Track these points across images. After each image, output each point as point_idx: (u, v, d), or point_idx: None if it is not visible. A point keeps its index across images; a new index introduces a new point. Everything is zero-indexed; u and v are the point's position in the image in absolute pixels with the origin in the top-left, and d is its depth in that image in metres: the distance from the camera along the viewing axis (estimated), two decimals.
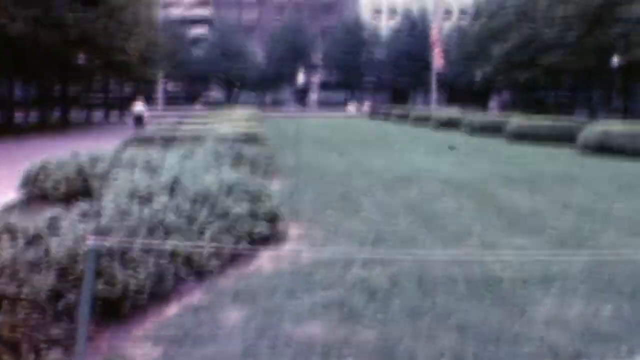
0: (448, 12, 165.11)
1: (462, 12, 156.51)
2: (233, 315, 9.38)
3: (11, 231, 9.46)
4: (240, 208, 13.17)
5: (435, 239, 14.43)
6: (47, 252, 8.98)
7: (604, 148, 37.18)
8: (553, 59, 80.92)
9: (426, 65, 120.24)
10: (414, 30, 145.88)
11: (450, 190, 22.07)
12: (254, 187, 14.63)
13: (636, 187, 23.63)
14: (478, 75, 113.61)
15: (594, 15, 71.95)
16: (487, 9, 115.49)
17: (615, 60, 72.02)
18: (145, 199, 12.40)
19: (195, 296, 10.20)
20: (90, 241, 8.04)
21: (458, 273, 11.44)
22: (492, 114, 76.24)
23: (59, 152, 21.28)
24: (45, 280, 8.41)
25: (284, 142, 45.53)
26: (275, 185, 20.46)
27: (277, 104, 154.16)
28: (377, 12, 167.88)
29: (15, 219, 9.81)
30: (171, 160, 17.43)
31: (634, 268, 11.88)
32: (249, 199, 13.94)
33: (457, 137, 54.20)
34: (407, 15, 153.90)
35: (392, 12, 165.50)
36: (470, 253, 13.04)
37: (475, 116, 64.84)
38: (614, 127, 39.67)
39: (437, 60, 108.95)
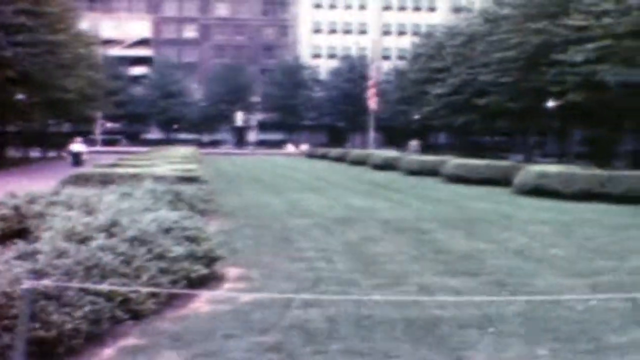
0: (386, 55, 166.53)
1: (401, 54, 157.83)
2: (169, 358, 9.32)
3: None
4: (178, 249, 13.12)
5: (373, 280, 14.48)
6: None
7: (540, 190, 37.57)
8: (489, 102, 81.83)
9: (364, 106, 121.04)
10: (353, 72, 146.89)
11: (389, 232, 22.18)
12: (193, 228, 14.59)
13: (573, 228, 23.92)
14: (416, 117, 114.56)
15: (530, 59, 72.93)
16: (425, 52, 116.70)
17: (551, 103, 72.99)
18: (83, 240, 12.30)
19: (132, 338, 10.11)
20: (26, 283, 7.97)
21: (396, 315, 11.48)
22: (414, 154, 77.43)
23: None
24: None
25: (223, 182, 45.48)
26: (213, 226, 20.41)
27: (215, 143, 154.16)
28: (317, 54, 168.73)
29: None
30: (109, 200, 17.32)
31: (569, 310, 12.00)
32: (187, 239, 13.91)
33: (395, 178, 54.56)
34: (346, 57, 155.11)
35: (332, 54, 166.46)
36: (407, 295, 13.09)
37: (413, 157, 65.28)
38: (551, 169, 40.18)
39: (372, 102, 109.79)
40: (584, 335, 10.59)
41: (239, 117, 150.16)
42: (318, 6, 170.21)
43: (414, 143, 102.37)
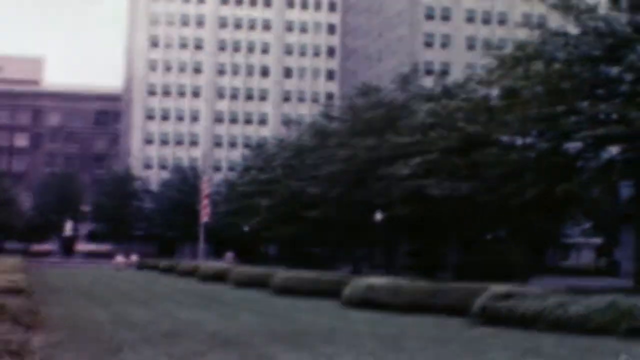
0: (217, 166, 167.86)
1: (232, 165, 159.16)
2: None
3: None
4: None
5: None
6: None
7: (368, 302, 37.98)
8: (318, 214, 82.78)
9: (195, 217, 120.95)
10: (184, 183, 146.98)
11: (216, 346, 22.18)
12: (17, 342, 14.37)
13: (399, 341, 24.35)
14: (245, 228, 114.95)
15: (358, 173, 74.54)
16: (255, 164, 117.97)
17: (378, 216, 74.49)
18: None
19: None
20: None
21: None
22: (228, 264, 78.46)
23: None
24: None
25: (49, 294, 44.60)
26: (39, 339, 20.06)
27: (44, 253, 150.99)
28: (148, 164, 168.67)
29: None
30: None
31: None
32: (10, 354, 13.69)
33: (224, 290, 54.50)
34: (177, 169, 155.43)
35: (163, 165, 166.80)
36: None
37: (242, 269, 65.31)
38: (378, 281, 40.78)
39: (204, 214, 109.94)
40: None
41: (68, 227, 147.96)
42: (150, 117, 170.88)
43: (229, 255, 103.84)
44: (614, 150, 53.44)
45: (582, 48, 49.95)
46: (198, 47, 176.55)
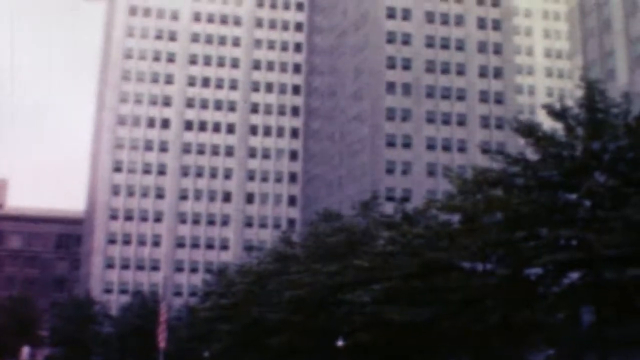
0: (178, 292, 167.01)
1: (193, 290, 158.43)
2: None
3: None
4: None
5: None
6: None
7: None
8: (279, 340, 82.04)
9: (154, 342, 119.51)
10: (144, 308, 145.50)
11: None
12: None
13: None
14: (205, 354, 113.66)
15: (320, 299, 74.14)
16: (216, 289, 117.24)
17: (340, 342, 73.93)
18: None
19: None
20: None
21: None
22: None
23: None
24: None
25: None
26: None
27: None
28: (109, 289, 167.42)
29: None
30: None
31: None
32: None
33: None
34: (138, 293, 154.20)
35: (123, 289, 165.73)
36: None
37: None
38: None
39: (160, 338, 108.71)
40: None
41: (25, 352, 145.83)
42: (112, 241, 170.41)
43: None
44: (574, 275, 53.63)
45: (541, 174, 50.64)
46: (161, 172, 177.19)
